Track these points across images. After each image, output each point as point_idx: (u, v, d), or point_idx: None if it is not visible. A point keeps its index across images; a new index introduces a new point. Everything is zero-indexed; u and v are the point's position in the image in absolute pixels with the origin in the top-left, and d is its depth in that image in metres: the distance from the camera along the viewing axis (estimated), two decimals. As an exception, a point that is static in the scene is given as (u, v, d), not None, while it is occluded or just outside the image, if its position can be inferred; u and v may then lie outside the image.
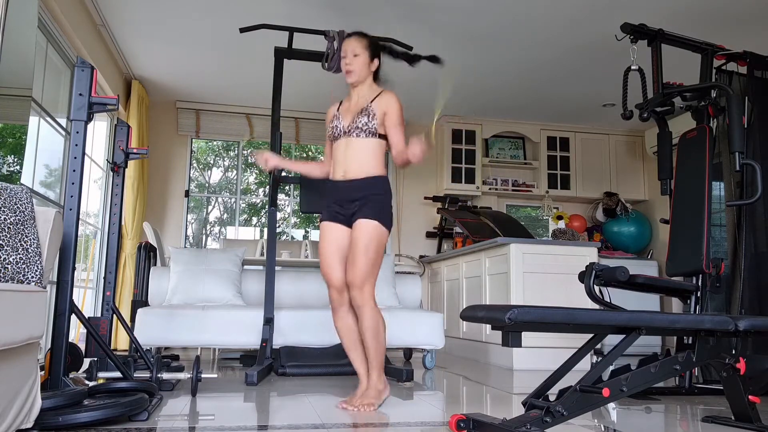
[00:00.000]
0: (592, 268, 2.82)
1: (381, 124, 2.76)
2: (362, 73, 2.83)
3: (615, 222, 6.76)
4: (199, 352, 5.39)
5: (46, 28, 3.95)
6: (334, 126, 2.83)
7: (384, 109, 2.76)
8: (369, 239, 2.66)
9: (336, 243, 2.77)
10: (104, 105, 2.56)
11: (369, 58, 2.83)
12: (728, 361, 2.23)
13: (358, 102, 2.83)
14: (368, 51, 2.83)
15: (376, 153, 2.77)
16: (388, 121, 2.77)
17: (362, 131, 2.73)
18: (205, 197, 7.06)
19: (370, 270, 2.65)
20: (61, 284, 2.42)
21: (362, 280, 2.64)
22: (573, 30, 4.68)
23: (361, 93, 2.85)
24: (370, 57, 2.84)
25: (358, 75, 2.82)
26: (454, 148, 6.69)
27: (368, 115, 2.74)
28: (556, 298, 4.51)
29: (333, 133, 2.83)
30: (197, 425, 2.20)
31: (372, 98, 2.80)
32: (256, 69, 5.53)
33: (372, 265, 2.66)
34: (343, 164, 2.77)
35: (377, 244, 2.68)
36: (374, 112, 2.75)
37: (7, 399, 1.70)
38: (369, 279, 2.65)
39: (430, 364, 4.47)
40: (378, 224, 2.68)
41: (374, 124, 2.74)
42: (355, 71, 2.81)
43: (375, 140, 2.75)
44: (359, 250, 2.65)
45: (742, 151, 3.23)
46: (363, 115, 2.75)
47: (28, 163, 3.79)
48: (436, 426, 2.28)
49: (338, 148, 2.80)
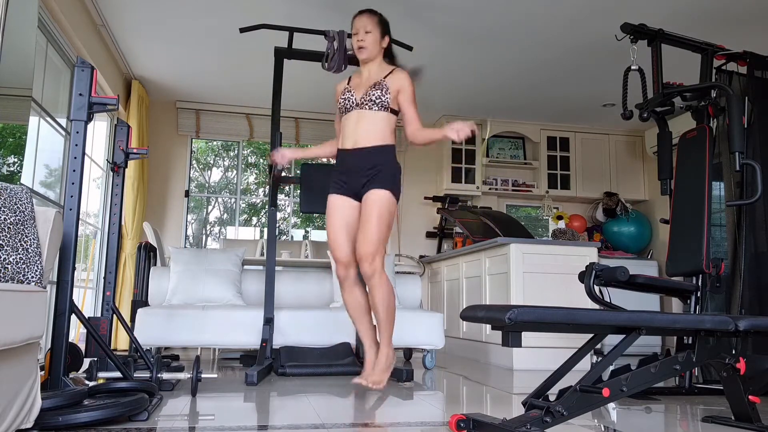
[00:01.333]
0: (592, 268, 2.82)
1: (394, 99, 2.78)
2: (374, 49, 2.83)
3: (615, 222, 6.76)
4: (199, 352, 5.39)
5: (46, 28, 3.95)
6: (345, 98, 2.83)
7: (398, 86, 2.78)
8: (381, 210, 2.67)
9: (343, 217, 2.78)
10: (104, 105, 2.56)
11: (380, 35, 2.84)
12: (728, 361, 2.23)
13: (370, 77, 2.84)
14: (379, 28, 2.84)
15: (388, 125, 2.78)
16: (403, 98, 2.78)
17: (375, 104, 2.74)
18: (205, 197, 7.06)
19: (381, 241, 2.67)
20: (61, 284, 2.42)
21: (373, 251, 2.65)
22: (573, 30, 4.68)
23: (372, 69, 2.86)
24: (381, 34, 2.85)
25: (369, 51, 2.83)
26: (454, 148, 6.69)
27: (381, 89, 2.75)
28: (556, 298, 4.51)
29: (345, 105, 2.83)
30: (197, 425, 2.20)
31: (384, 74, 2.81)
32: (256, 69, 5.53)
33: (383, 237, 2.67)
34: (353, 135, 2.77)
35: (389, 215, 2.69)
36: (387, 86, 2.76)
37: (7, 399, 1.70)
38: (379, 250, 2.67)
39: (430, 364, 4.47)
40: (389, 194, 2.70)
41: (387, 98, 2.75)
42: (367, 47, 2.82)
43: (386, 114, 2.76)
44: (371, 222, 2.65)
45: (742, 151, 3.23)
46: (376, 88, 2.76)
47: (28, 163, 3.79)
48: (436, 426, 2.28)
49: (349, 120, 2.80)
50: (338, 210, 2.79)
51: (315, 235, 10.45)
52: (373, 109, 2.75)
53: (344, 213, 2.78)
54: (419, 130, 2.77)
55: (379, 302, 2.67)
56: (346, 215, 2.78)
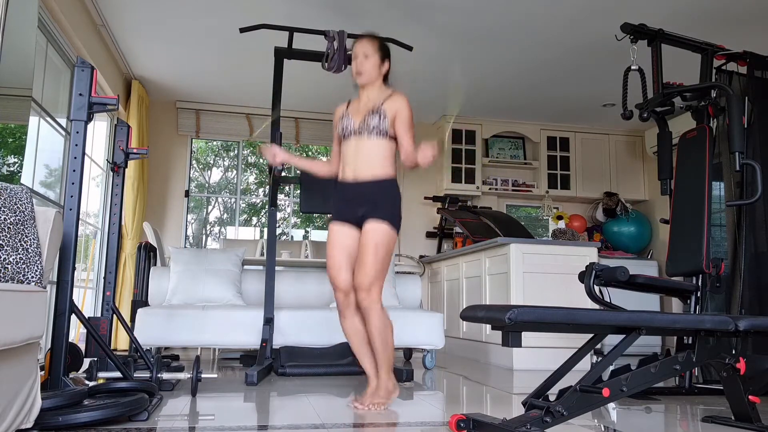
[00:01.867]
0: (592, 268, 2.82)
1: (392, 124, 2.77)
2: (372, 74, 2.83)
3: (615, 222, 6.76)
4: (199, 352, 5.39)
5: (46, 28, 3.95)
6: (344, 126, 2.83)
7: (395, 111, 2.77)
8: (378, 241, 2.66)
9: (343, 245, 2.77)
10: (104, 105, 2.56)
11: (380, 60, 2.84)
12: (728, 361, 2.23)
13: (368, 103, 2.83)
14: (379, 53, 2.84)
15: (386, 154, 2.76)
16: (399, 123, 2.77)
17: (373, 131, 2.74)
18: (205, 197, 7.06)
19: (379, 273, 2.66)
20: (61, 284, 2.42)
21: (370, 283, 2.64)
22: (573, 30, 4.68)
23: (371, 94, 2.85)
24: (381, 59, 2.84)
25: (368, 76, 2.82)
26: (454, 148, 6.69)
27: (380, 115, 2.75)
28: (556, 298, 4.51)
29: (343, 132, 2.82)
30: (197, 425, 2.20)
31: (383, 100, 2.80)
32: (256, 69, 5.53)
33: (380, 268, 2.66)
34: (353, 165, 2.76)
35: (386, 247, 2.68)
36: (385, 113, 2.75)
37: (7, 399, 1.70)
38: (377, 282, 2.65)
39: (430, 364, 4.47)
40: (388, 226, 2.69)
41: (385, 125, 2.74)
42: (366, 72, 2.81)
43: (385, 141, 2.75)
44: (368, 253, 2.65)
45: (742, 151, 3.23)
46: (374, 115, 2.75)
47: (28, 163, 3.79)
48: (436, 426, 2.28)
49: (348, 148, 2.80)
50: (339, 238, 2.78)
51: (315, 235, 10.45)
52: (372, 138, 2.74)
53: (345, 242, 2.77)
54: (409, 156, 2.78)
55: (375, 333, 2.65)
56: (347, 244, 2.77)
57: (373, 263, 2.64)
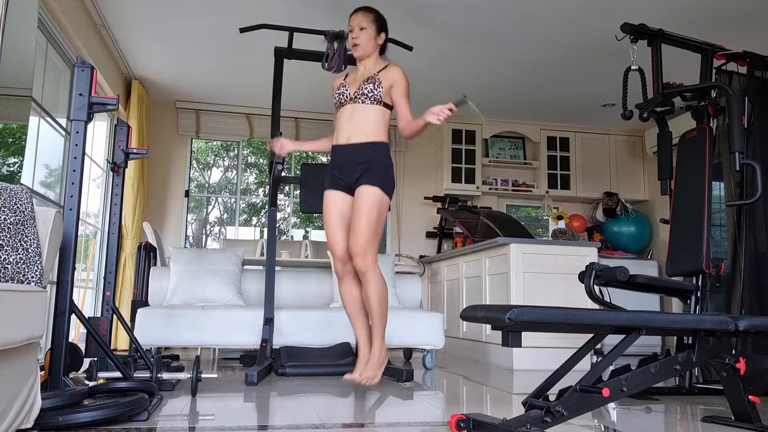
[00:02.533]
0: (592, 268, 2.82)
1: (387, 93, 2.82)
2: (368, 46, 2.89)
3: (615, 222, 6.76)
4: (199, 352, 5.39)
5: (46, 28, 3.95)
6: (340, 93, 2.88)
7: (391, 80, 2.82)
8: (371, 206, 2.69)
9: (339, 212, 2.82)
10: (104, 105, 2.56)
11: (375, 32, 2.90)
12: (728, 361, 2.23)
13: (365, 73, 2.90)
14: (375, 25, 2.90)
15: (380, 120, 2.81)
16: (396, 92, 2.81)
17: (367, 98, 2.79)
18: (205, 197, 7.06)
19: (372, 237, 2.70)
20: (61, 284, 2.42)
21: (365, 247, 2.68)
22: (573, 30, 4.68)
23: (368, 65, 2.91)
24: (377, 31, 2.90)
25: (364, 48, 2.88)
26: (454, 148, 6.69)
27: (374, 82, 2.80)
28: (556, 298, 4.51)
29: (339, 100, 2.88)
30: (197, 425, 2.20)
31: (378, 69, 2.86)
32: (256, 69, 5.53)
33: (374, 232, 2.70)
34: (347, 130, 2.82)
35: (379, 211, 2.72)
36: (380, 80, 2.80)
37: (7, 399, 1.70)
38: (371, 246, 2.69)
39: (430, 364, 4.47)
40: (380, 191, 2.72)
41: (380, 92, 2.79)
42: (362, 44, 2.88)
43: (379, 107, 2.80)
44: (361, 217, 2.69)
45: (742, 151, 3.23)
46: (369, 82, 2.81)
47: (28, 163, 3.79)
48: (436, 426, 2.28)
49: (343, 114, 2.85)
50: (334, 205, 2.83)
51: (315, 235, 10.45)
52: (366, 103, 2.79)
53: (340, 208, 2.82)
54: (409, 123, 2.80)
55: (372, 296, 2.69)
56: (342, 210, 2.81)
57: (366, 228, 2.68)
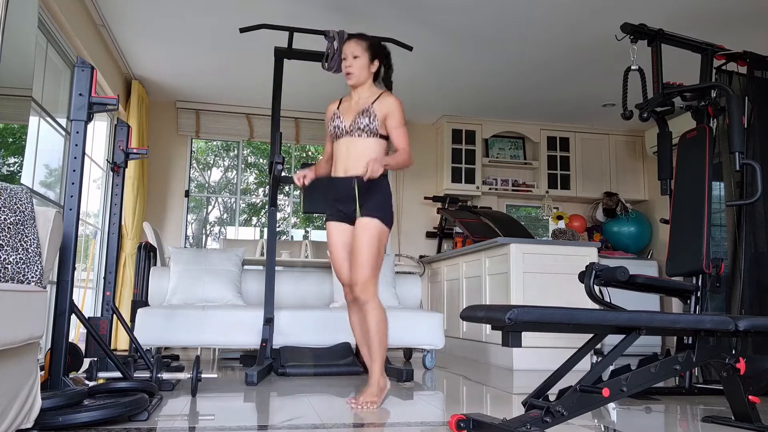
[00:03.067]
0: (592, 268, 2.82)
1: (382, 125, 2.82)
2: (362, 75, 2.87)
3: (615, 222, 6.76)
4: (199, 352, 5.38)
5: (46, 28, 3.95)
6: (335, 126, 2.88)
7: (385, 111, 2.81)
8: (370, 237, 2.73)
9: (343, 244, 2.85)
10: (104, 105, 2.56)
11: (369, 60, 2.87)
12: (728, 361, 2.23)
13: (359, 102, 2.87)
14: (368, 53, 2.87)
15: (378, 152, 2.83)
16: (391, 123, 2.83)
17: (363, 132, 2.79)
18: (205, 197, 7.06)
19: (372, 268, 2.73)
20: (61, 284, 2.42)
21: (365, 278, 2.71)
22: (573, 30, 4.68)
23: (362, 94, 2.90)
24: (370, 59, 2.87)
25: (357, 77, 2.86)
26: (454, 148, 6.68)
27: (369, 116, 2.79)
28: (556, 298, 4.51)
29: (335, 133, 2.88)
30: (197, 425, 2.20)
31: (373, 100, 2.84)
32: (256, 69, 5.53)
33: (374, 263, 2.73)
34: (344, 162, 2.83)
35: (378, 242, 2.75)
36: (375, 113, 2.80)
37: (7, 399, 1.70)
38: (371, 277, 2.73)
39: (430, 364, 4.47)
40: (379, 222, 2.75)
41: (375, 125, 2.79)
42: (355, 73, 2.86)
43: (376, 140, 2.81)
44: (361, 249, 2.72)
45: (742, 151, 3.23)
46: (364, 116, 2.80)
47: (28, 163, 3.79)
48: (436, 426, 2.28)
49: (340, 147, 2.85)
50: (337, 236, 2.86)
51: (315, 235, 10.44)
52: (362, 137, 2.79)
53: (343, 238, 2.85)
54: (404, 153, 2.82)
55: (373, 327, 2.72)
56: (345, 241, 2.85)
57: (367, 259, 2.71)
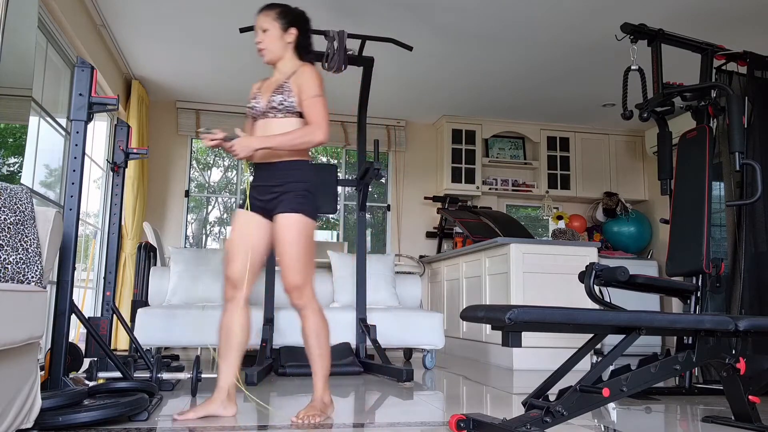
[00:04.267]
0: (592, 268, 2.82)
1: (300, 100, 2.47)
2: (275, 48, 2.53)
3: (615, 222, 6.76)
4: (199, 352, 5.38)
5: (46, 28, 3.95)
6: (251, 107, 2.55)
7: (299, 84, 2.46)
8: (295, 235, 2.39)
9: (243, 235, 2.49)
10: (104, 105, 2.56)
11: (281, 30, 2.53)
12: (728, 361, 2.23)
13: (278, 79, 2.55)
14: (278, 22, 2.53)
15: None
16: (302, 95, 2.45)
17: (278, 110, 2.46)
18: (205, 197, 7.06)
19: (304, 268, 2.40)
20: (61, 284, 2.42)
21: (298, 281, 2.38)
22: (573, 30, 4.68)
23: (283, 68, 2.56)
24: (282, 28, 2.53)
25: (270, 52, 2.53)
26: (454, 148, 6.68)
27: (283, 92, 2.46)
28: (556, 298, 4.51)
29: (252, 113, 2.55)
30: (197, 425, 2.20)
31: (288, 75, 2.51)
32: (256, 69, 5.53)
33: (305, 263, 2.40)
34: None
35: (305, 239, 2.41)
36: (290, 88, 2.46)
37: (7, 399, 1.70)
38: (306, 278, 2.40)
39: (430, 364, 4.47)
40: (301, 216, 2.41)
41: (291, 102, 2.45)
42: (267, 48, 2.53)
43: (295, 119, 2.46)
44: (287, 250, 2.39)
45: (742, 151, 3.23)
46: (278, 92, 2.47)
47: (28, 163, 3.79)
48: (436, 426, 2.28)
49: (257, 131, 2.51)
50: (241, 226, 2.50)
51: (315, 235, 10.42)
52: (278, 117, 2.46)
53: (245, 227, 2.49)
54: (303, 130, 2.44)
55: (312, 331, 2.40)
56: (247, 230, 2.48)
57: (296, 261, 2.38)
